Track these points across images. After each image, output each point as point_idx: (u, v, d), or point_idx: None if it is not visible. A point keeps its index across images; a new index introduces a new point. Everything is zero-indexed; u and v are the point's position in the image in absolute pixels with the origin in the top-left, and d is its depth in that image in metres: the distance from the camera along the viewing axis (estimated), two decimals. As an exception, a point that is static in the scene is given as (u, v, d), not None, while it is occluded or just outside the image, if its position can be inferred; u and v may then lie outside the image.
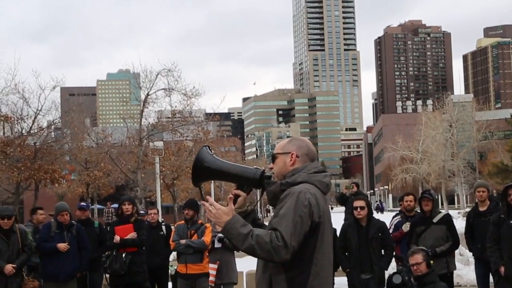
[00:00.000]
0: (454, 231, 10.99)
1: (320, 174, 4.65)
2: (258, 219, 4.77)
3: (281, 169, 4.70)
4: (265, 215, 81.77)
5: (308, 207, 4.41)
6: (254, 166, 4.75)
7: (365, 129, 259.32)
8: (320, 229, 4.50)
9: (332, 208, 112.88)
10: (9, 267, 10.81)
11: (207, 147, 4.74)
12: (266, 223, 4.71)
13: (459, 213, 56.20)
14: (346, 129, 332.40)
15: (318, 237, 4.49)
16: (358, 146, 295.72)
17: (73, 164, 53.48)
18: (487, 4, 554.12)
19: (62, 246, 11.48)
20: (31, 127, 36.63)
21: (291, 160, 4.68)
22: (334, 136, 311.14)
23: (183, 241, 11.48)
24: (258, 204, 79.90)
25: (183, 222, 11.92)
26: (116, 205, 14.74)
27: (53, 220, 11.93)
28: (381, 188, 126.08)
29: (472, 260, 13.34)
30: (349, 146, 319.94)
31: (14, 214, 11.26)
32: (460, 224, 16.30)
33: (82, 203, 13.01)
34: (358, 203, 10.44)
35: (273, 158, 4.76)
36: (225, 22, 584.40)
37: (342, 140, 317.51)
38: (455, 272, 11.79)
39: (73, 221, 11.93)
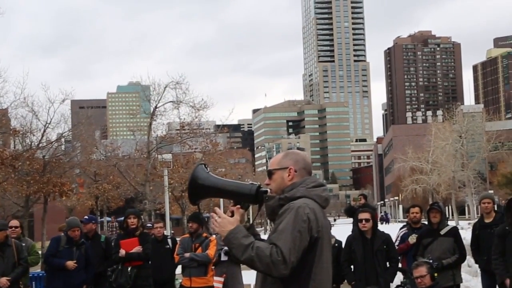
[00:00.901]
0: (461, 244, 10.91)
1: (318, 188, 4.59)
2: (257, 234, 4.74)
3: (280, 184, 4.64)
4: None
5: (307, 222, 4.36)
6: (250, 182, 4.71)
7: (375, 140, 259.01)
8: (319, 244, 4.44)
9: (335, 220, 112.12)
10: (3, 280, 10.84)
11: (203, 164, 4.71)
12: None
13: (469, 224, 55.90)
14: (356, 140, 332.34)
15: (316, 252, 4.43)
16: (368, 157, 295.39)
17: (82, 177, 53.61)
18: (497, 14, 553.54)
19: (71, 264, 11.47)
20: (40, 141, 36.68)
21: (289, 175, 4.62)
22: (344, 147, 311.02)
23: (187, 255, 11.47)
24: (263, 218, 79.60)
25: (188, 235, 11.90)
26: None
27: (63, 234, 11.92)
28: (391, 199, 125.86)
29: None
30: (359, 157, 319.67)
31: (6, 228, 11.28)
32: (470, 235, 16.24)
33: (85, 217, 13.01)
34: (363, 215, 10.38)
35: (270, 174, 4.70)
36: (235, 34, 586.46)
37: (352, 151, 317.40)
38: (463, 284, 11.73)
39: (83, 240, 11.90)
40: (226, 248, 10.99)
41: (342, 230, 23.80)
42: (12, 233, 11.97)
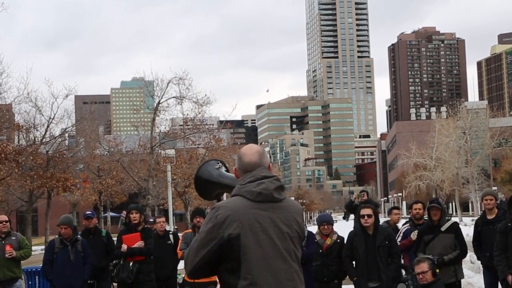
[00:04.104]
0: (462, 240, 10.89)
1: (252, 183, 4.40)
2: None
3: None
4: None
5: (214, 222, 4.27)
6: None
7: (379, 136, 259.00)
8: (241, 242, 4.27)
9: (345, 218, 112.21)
10: None
11: (216, 160, 4.71)
12: None
13: (472, 220, 55.88)
14: (360, 136, 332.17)
15: (240, 251, 4.28)
16: (372, 153, 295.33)
17: (86, 172, 53.71)
18: (501, 10, 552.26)
19: None
20: (43, 136, 36.75)
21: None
22: (347, 143, 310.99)
23: (190, 250, 11.46)
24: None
25: (190, 230, 11.90)
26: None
27: (57, 236, 11.92)
28: (395, 195, 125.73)
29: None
30: (363, 153, 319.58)
31: None
32: (472, 232, 16.28)
33: (88, 212, 12.97)
34: (365, 211, 10.37)
35: None
36: (238, 28, 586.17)
37: (356, 147, 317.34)
38: (465, 280, 11.71)
39: (78, 236, 11.85)
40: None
41: (344, 226, 23.78)
42: (3, 228, 12.02)
